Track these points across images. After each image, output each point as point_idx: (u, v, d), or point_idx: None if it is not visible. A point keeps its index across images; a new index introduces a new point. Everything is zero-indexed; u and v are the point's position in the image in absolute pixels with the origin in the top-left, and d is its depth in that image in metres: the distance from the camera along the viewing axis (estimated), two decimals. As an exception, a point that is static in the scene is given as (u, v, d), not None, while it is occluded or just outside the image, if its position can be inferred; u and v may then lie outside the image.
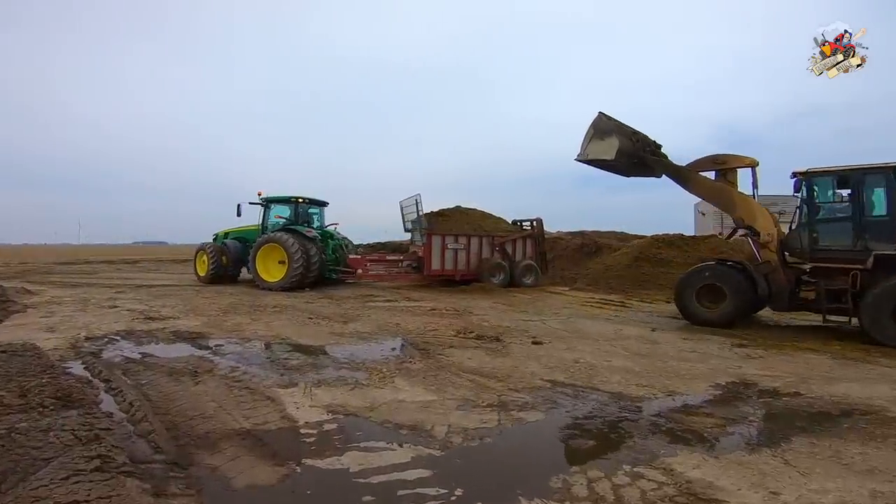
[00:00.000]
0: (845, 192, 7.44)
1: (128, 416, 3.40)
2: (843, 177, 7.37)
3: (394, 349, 5.92)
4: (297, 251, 12.25)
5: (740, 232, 8.58)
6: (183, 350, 5.61)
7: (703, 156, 8.87)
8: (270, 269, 12.79)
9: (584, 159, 8.81)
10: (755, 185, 8.35)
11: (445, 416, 3.73)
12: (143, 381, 4.24)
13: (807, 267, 7.88)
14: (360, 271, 13.60)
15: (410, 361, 5.28)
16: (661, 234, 17.57)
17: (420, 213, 14.03)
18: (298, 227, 13.31)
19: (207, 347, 5.73)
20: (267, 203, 14.21)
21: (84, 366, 4.59)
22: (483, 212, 16.02)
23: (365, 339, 6.49)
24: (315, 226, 14.59)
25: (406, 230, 14.47)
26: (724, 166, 8.48)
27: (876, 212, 7.17)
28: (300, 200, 14.17)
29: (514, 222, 16.23)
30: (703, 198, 8.76)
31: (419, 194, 14.01)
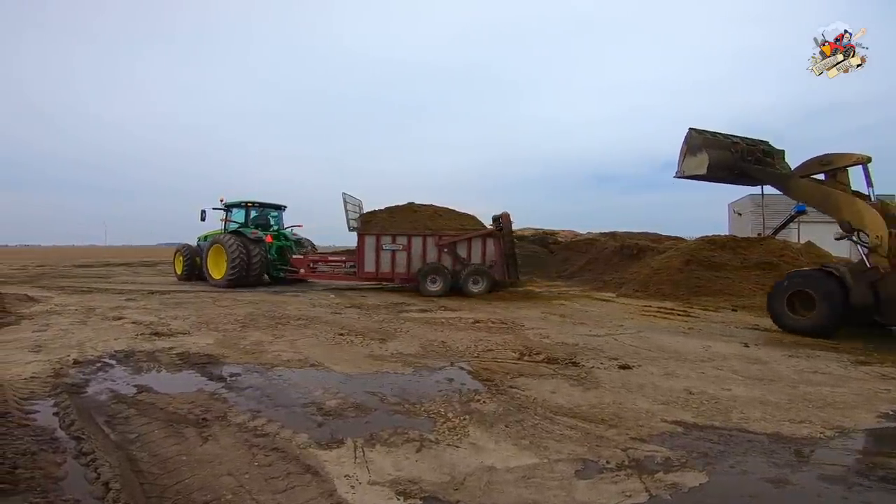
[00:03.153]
0: None
1: (101, 505, 2.25)
2: None
3: (451, 380, 4.70)
4: (235, 252, 13.40)
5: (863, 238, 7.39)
6: (190, 382, 4.45)
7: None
8: (221, 268, 13.86)
9: (681, 176, 8.73)
10: (869, 184, 7.32)
11: (566, 490, 2.56)
12: (132, 436, 3.09)
13: None
14: (302, 270, 14.35)
15: (479, 400, 4.07)
16: (710, 235, 16.17)
17: (347, 212, 13.42)
18: (244, 230, 14.45)
19: (220, 378, 4.57)
20: (227, 208, 15.51)
21: (55, 409, 3.45)
22: (440, 208, 14.21)
23: (411, 364, 5.28)
24: (274, 227, 15.81)
25: (351, 228, 13.60)
26: (832, 167, 7.69)
27: None
28: (250, 204, 15.39)
29: (495, 219, 14.15)
30: (806, 203, 8.09)
31: (344, 193, 13.35)
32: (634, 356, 5.78)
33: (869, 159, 7.30)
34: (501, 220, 13.14)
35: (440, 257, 12.83)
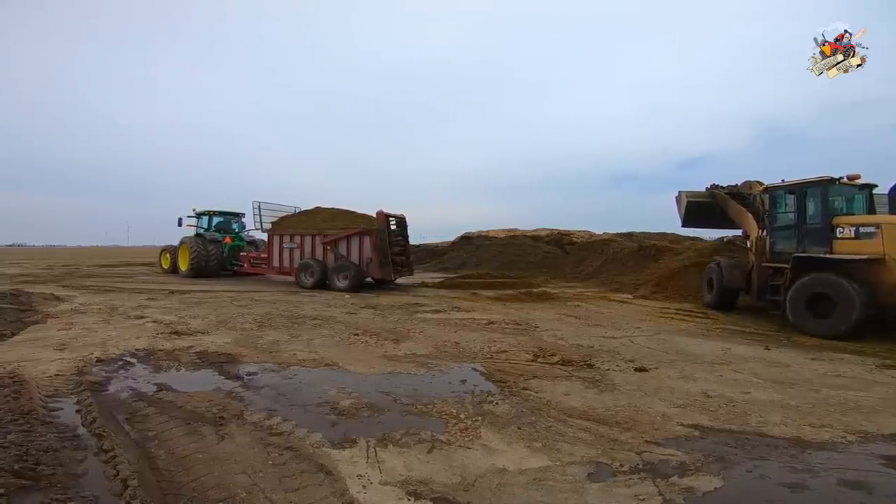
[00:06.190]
0: (793, 204, 8.64)
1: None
2: (791, 190, 8.68)
3: (464, 381, 4.70)
4: (194, 250, 16.92)
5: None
6: (208, 381, 4.54)
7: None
8: (186, 262, 17.28)
9: (682, 217, 12.14)
10: (770, 207, 9.42)
11: (578, 493, 2.55)
12: (151, 434, 3.17)
13: (767, 266, 9.14)
14: (245, 265, 17.05)
15: (491, 401, 4.06)
16: (729, 236, 15.86)
17: (260, 217, 15.51)
18: (205, 233, 18.06)
19: (237, 377, 4.65)
20: (199, 215, 18.79)
21: (78, 407, 3.55)
22: (339, 210, 14.85)
23: (424, 364, 5.30)
24: (235, 230, 19.25)
25: (263, 230, 15.70)
26: (750, 191, 10.73)
27: (812, 220, 8.31)
28: (212, 213, 18.85)
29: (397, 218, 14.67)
30: (732, 218, 10.87)
31: (258, 201, 15.54)
32: (651, 358, 5.71)
33: (762, 188, 9.82)
34: (376, 218, 13.55)
35: (325, 254, 13.90)
